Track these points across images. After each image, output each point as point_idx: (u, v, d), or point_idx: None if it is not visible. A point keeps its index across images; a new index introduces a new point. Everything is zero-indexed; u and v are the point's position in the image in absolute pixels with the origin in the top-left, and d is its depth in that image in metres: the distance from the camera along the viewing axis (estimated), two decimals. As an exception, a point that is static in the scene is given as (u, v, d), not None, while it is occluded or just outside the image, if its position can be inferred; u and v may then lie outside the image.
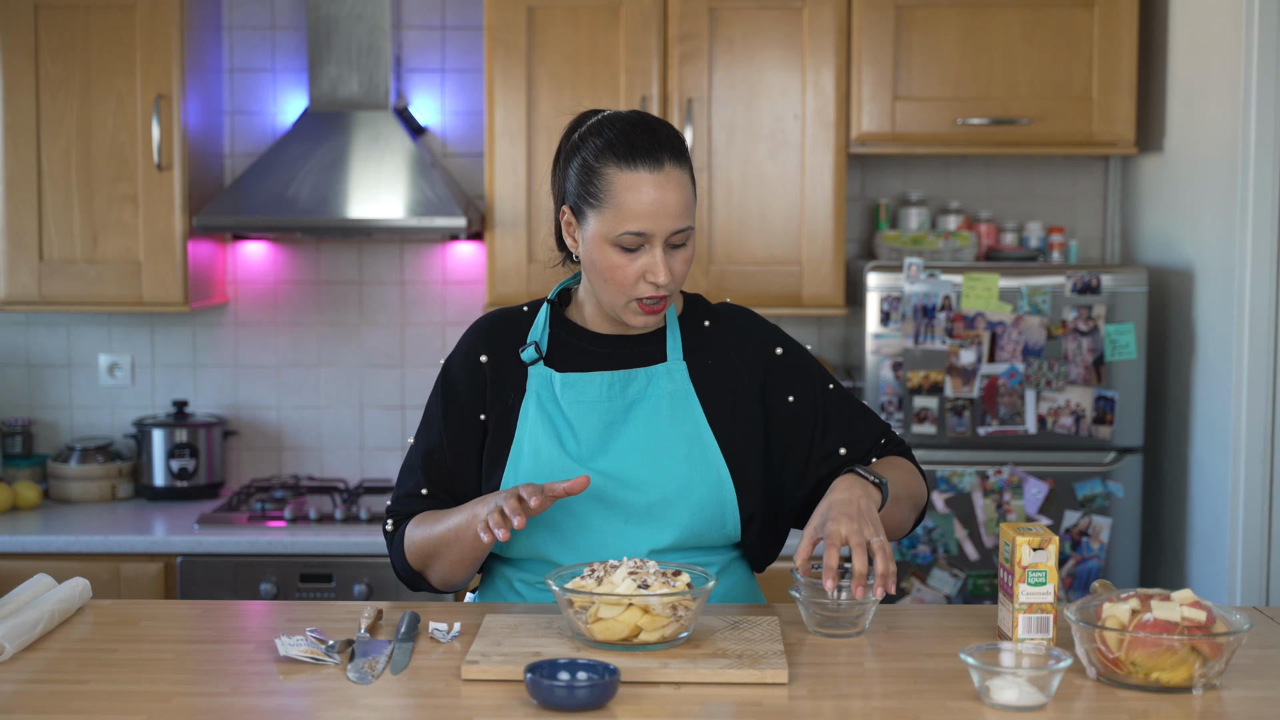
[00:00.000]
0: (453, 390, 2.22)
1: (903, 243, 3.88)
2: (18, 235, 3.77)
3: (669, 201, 2.05)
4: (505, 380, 2.19)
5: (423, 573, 2.20)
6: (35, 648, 2.00)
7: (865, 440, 2.23)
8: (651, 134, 2.08)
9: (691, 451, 2.14)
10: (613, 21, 3.73)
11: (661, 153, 2.06)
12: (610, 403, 2.15)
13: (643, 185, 2.05)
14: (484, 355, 2.21)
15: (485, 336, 2.23)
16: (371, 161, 3.81)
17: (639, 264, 2.07)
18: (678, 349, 2.18)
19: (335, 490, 3.95)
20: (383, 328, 4.14)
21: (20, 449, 4.04)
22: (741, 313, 2.27)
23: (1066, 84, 3.74)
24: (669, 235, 2.07)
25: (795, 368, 2.22)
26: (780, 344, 2.23)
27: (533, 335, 2.20)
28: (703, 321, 2.23)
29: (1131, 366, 3.57)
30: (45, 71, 3.74)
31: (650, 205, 2.05)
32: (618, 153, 2.06)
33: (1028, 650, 1.80)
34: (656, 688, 1.83)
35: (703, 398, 2.17)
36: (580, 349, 2.19)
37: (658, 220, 2.05)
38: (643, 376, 2.16)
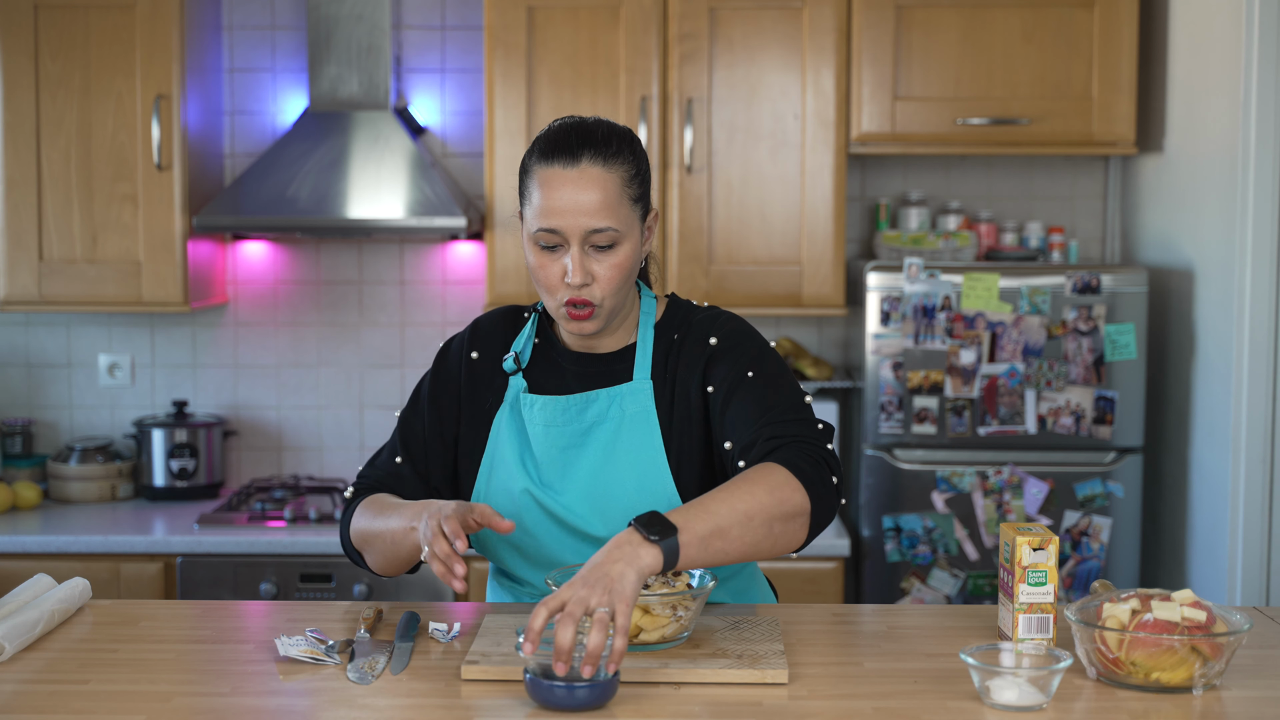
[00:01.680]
0: (441, 377, 2.21)
1: (903, 243, 3.88)
2: (18, 235, 3.77)
3: (582, 199, 1.99)
4: (487, 383, 2.18)
5: (361, 554, 2.15)
6: (35, 648, 2.00)
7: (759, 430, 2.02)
8: (579, 132, 2.03)
9: (644, 481, 2.08)
10: (613, 21, 3.73)
11: (581, 150, 2.01)
12: (566, 427, 2.11)
13: (554, 180, 2.01)
14: (475, 352, 2.20)
15: (482, 334, 2.22)
16: (371, 161, 3.81)
17: (560, 264, 2.02)
18: (646, 366, 2.11)
19: (335, 490, 3.95)
20: (383, 328, 4.14)
21: (20, 449, 4.04)
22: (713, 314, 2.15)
23: (1066, 84, 3.74)
24: (586, 234, 2.00)
25: (724, 356, 2.09)
26: (717, 333, 2.11)
27: (516, 344, 2.18)
28: (673, 335, 2.14)
29: (1131, 366, 3.57)
30: (45, 71, 3.74)
31: (561, 201, 2.00)
32: (542, 149, 2.03)
33: (1028, 650, 1.80)
34: (656, 688, 1.83)
35: (663, 417, 2.10)
36: (554, 365, 2.16)
37: (568, 217, 1.99)
38: (604, 398, 2.11)
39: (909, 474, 3.60)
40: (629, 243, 2.04)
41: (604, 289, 2.03)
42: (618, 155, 2.03)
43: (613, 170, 2.02)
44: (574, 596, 1.74)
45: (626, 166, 2.04)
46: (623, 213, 2.02)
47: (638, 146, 2.08)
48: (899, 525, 3.60)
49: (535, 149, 2.05)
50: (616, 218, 2.01)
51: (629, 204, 2.04)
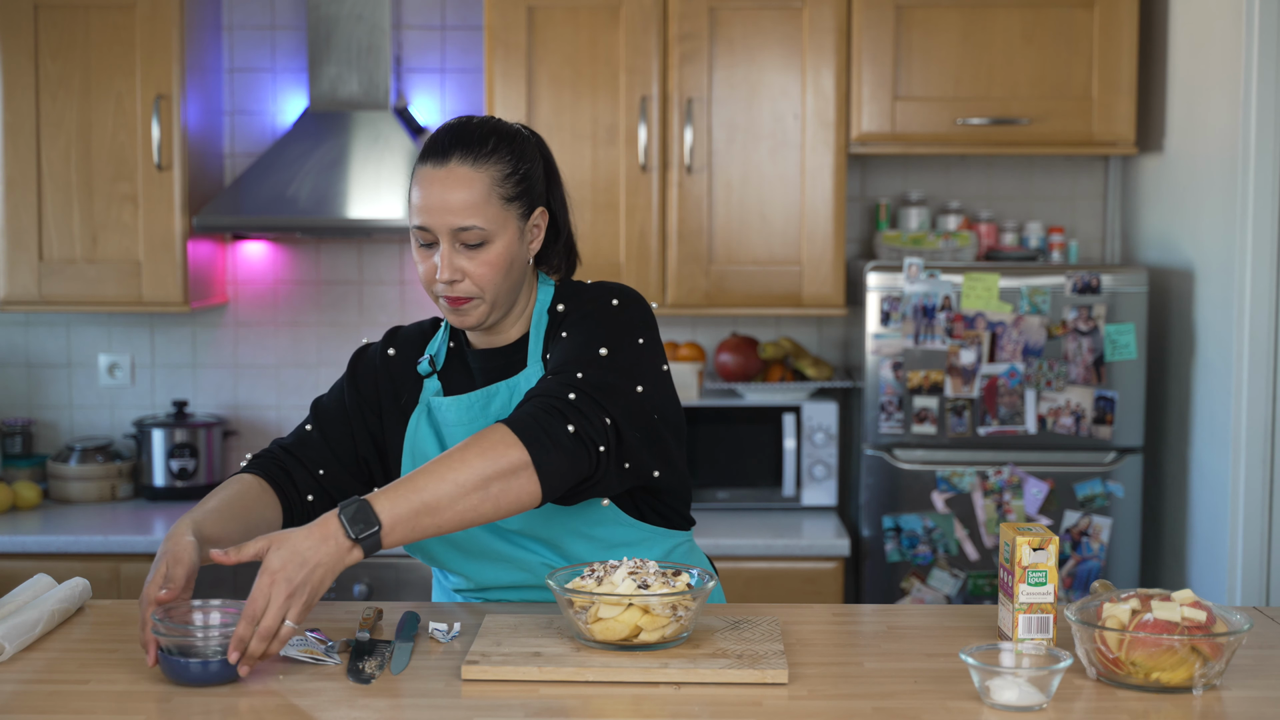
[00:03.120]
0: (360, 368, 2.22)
1: (903, 243, 3.88)
2: (18, 235, 3.77)
3: (447, 198, 2.02)
4: (403, 382, 2.20)
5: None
6: (35, 648, 2.00)
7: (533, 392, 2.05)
8: (454, 132, 2.06)
9: None
10: (613, 21, 3.73)
11: (451, 149, 2.04)
12: (473, 424, 2.13)
13: (423, 179, 2.04)
14: (391, 349, 2.23)
15: (399, 338, 2.25)
16: (371, 161, 3.81)
17: (433, 261, 2.06)
18: (538, 349, 2.14)
19: (335, 490, 3.95)
20: (383, 328, 4.14)
21: (20, 449, 4.04)
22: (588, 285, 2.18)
23: (1066, 84, 3.74)
24: (453, 232, 2.02)
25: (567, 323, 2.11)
26: (565, 300, 2.14)
27: (430, 349, 2.21)
28: (558, 306, 2.15)
29: (1131, 366, 3.57)
30: (45, 71, 3.74)
31: (426, 199, 2.03)
32: (423, 149, 2.08)
33: (1028, 650, 1.80)
34: (656, 688, 1.83)
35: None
36: (464, 366, 2.19)
37: (433, 215, 2.03)
38: (504, 389, 2.13)
39: (909, 474, 3.60)
40: (500, 241, 2.05)
41: (477, 284, 2.05)
42: (491, 155, 2.05)
43: (481, 170, 2.04)
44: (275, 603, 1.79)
45: (500, 166, 2.05)
46: (490, 211, 2.04)
47: (520, 145, 2.08)
48: (899, 525, 3.60)
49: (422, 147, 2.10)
50: (483, 216, 2.03)
51: (499, 203, 2.05)
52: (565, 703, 1.79)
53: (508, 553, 2.15)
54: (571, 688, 1.83)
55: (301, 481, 2.16)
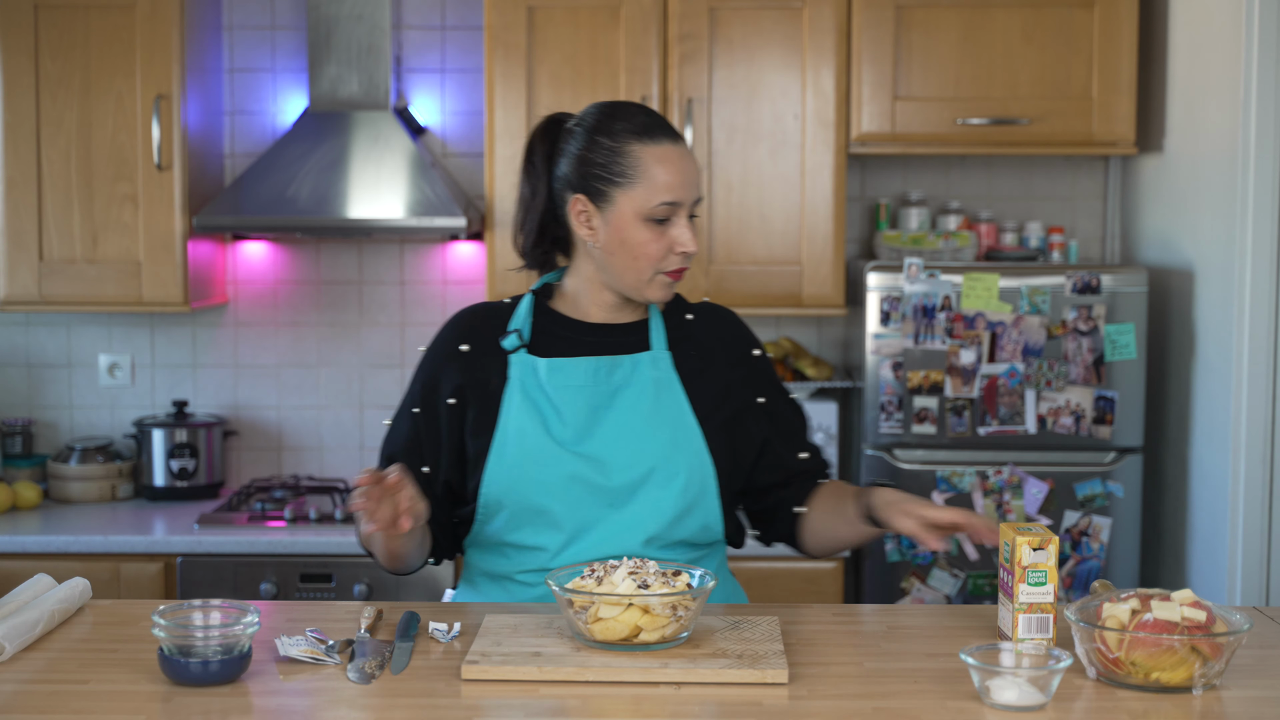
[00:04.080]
0: (427, 379, 2.25)
1: (903, 243, 3.88)
2: (18, 235, 3.77)
3: (690, 171, 2.16)
4: (486, 368, 2.22)
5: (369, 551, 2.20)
6: (35, 648, 2.00)
7: (814, 452, 2.35)
8: (654, 113, 2.20)
9: (676, 436, 2.18)
10: (613, 21, 3.73)
11: (670, 128, 2.18)
12: (596, 387, 2.19)
13: (670, 156, 2.15)
14: (464, 345, 2.24)
15: (466, 326, 2.27)
16: (371, 161, 3.81)
17: (667, 237, 2.14)
18: (662, 339, 2.24)
19: (335, 490, 3.95)
20: (383, 328, 4.14)
21: (20, 449, 4.04)
22: (723, 310, 2.35)
23: (1066, 84, 3.74)
24: (692, 204, 2.17)
25: (766, 373, 2.32)
26: (758, 348, 2.33)
27: (514, 324, 2.24)
28: (685, 315, 2.29)
29: (1131, 366, 3.57)
30: (45, 71, 3.74)
31: (679, 175, 2.14)
32: (638, 132, 2.15)
33: (1028, 650, 1.80)
34: (656, 688, 1.83)
35: (687, 386, 2.22)
36: (564, 337, 2.23)
37: (686, 189, 2.15)
38: (628, 363, 2.20)
39: (909, 474, 3.60)
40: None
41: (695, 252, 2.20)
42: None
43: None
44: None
45: None
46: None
47: None
48: (899, 525, 3.60)
49: (625, 132, 2.15)
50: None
51: None
52: (565, 703, 1.79)
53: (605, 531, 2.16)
54: (571, 688, 1.83)
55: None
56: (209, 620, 1.90)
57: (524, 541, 2.19)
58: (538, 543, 2.18)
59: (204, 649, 1.83)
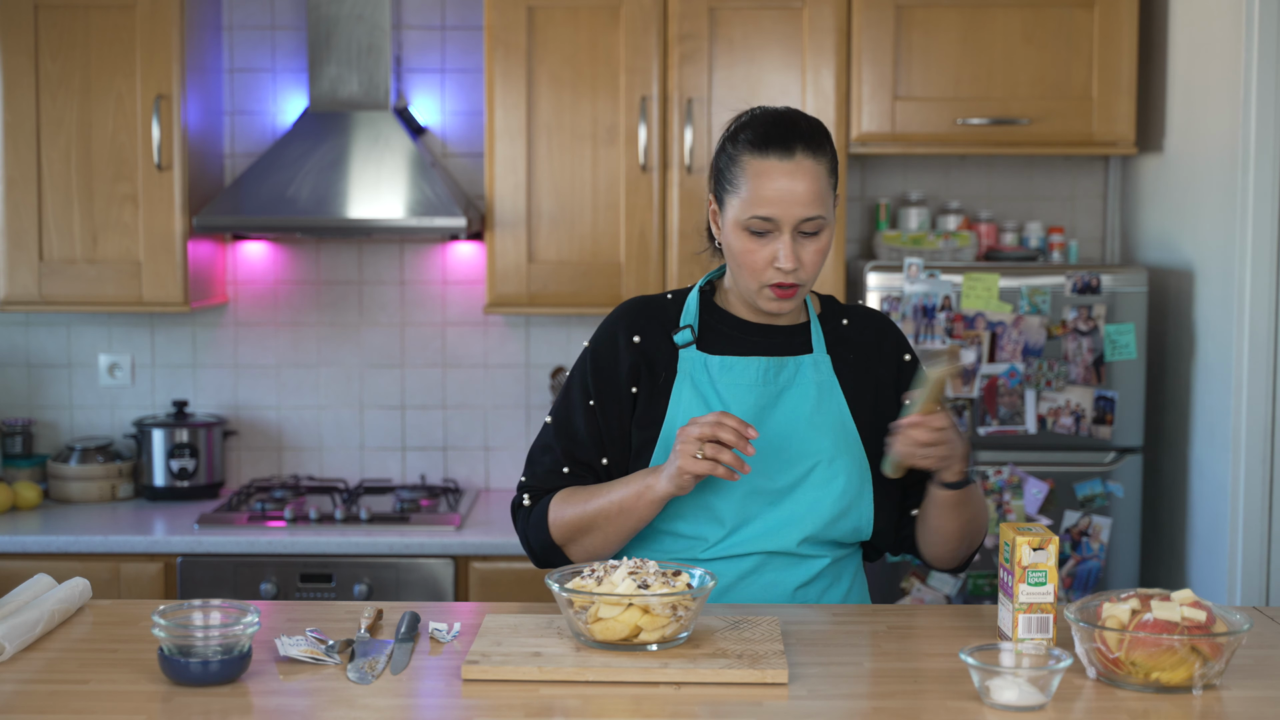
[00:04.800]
0: (603, 368, 2.28)
1: (903, 243, 3.88)
2: (18, 235, 3.77)
3: (797, 189, 2.13)
4: (656, 360, 2.26)
5: (565, 547, 2.23)
6: (35, 648, 2.00)
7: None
8: (789, 125, 2.16)
9: (837, 438, 2.22)
10: (613, 21, 3.73)
11: (795, 142, 2.14)
12: (765, 387, 2.23)
13: (771, 172, 2.13)
14: (636, 336, 2.28)
15: (634, 318, 2.30)
16: (371, 161, 3.81)
17: (769, 250, 2.15)
18: (821, 342, 2.28)
19: (335, 490, 3.95)
20: (383, 328, 4.14)
21: (20, 449, 4.04)
22: (876, 314, 2.36)
23: (1066, 84, 3.74)
24: (798, 223, 2.13)
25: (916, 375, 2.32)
26: (910, 351, 2.34)
27: (685, 319, 2.28)
28: (841, 319, 2.32)
29: (1131, 366, 3.57)
30: (45, 71, 3.74)
31: (777, 192, 2.13)
32: (753, 141, 2.15)
33: (1028, 650, 1.80)
34: (656, 688, 1.83)
35: (846, 390, 2.26)
36: (729, 335, 2.27)
37: (784, 206, 2.13)
38: (792, 365, 2.25)
39: (909, 474, 3.59)
40: (829, 229, 2.18)
41: (808, 272, 2.17)
42: (823, 147, 2.17)
43: (823, 162, 2.16)
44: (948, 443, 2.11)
45: (829, 158, 2.18)
46: (828, 201, 2.17)
47: (831, 139, 2.22)
48: (899, 525, 3.60)
49: (741, 138, 2.17)
50: (824, 206, 2.16)
51: (831, 193, 2.19)
52: (565, 703, 1.79)
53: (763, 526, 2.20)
54: (571, 688, 1.83)
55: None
56: (209, 620, 1.90)
57: (684, 531, 2.23)
58: (698, 533, 2.22)
59: (204, 649, 1.84)
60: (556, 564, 2.26)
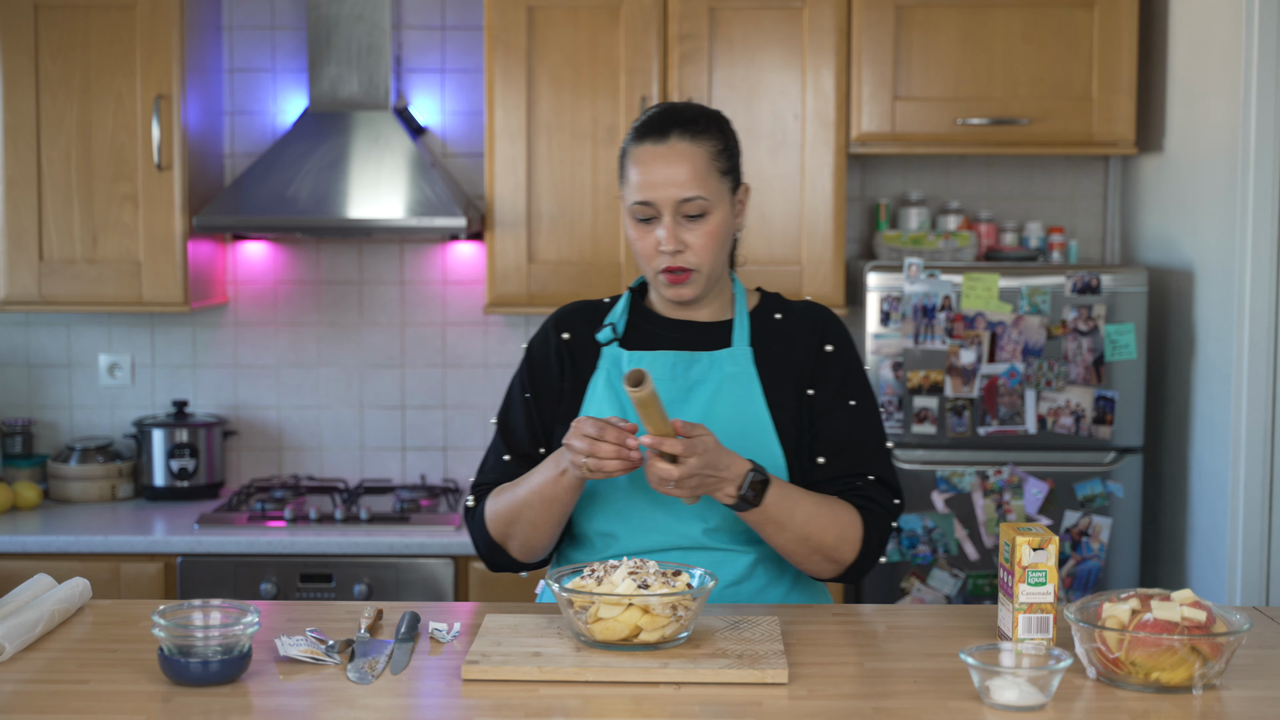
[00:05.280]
0: (537, 364, 2.31)
1: (903, 243, 3.88)
2: (18, 235, 3.77)
3: (672, 173, 2.16)
4: (580, 357, 2.29)
5: (504, 544, 2.23)
6: (35, 648, 2.00)
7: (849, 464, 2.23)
8: (669, 113, 2.21)
9: (747, 432, 2.20)
10: (613, 21, 3.73)
11: (670, 127, 2.18)
12: (673, 382, 2.23)
13: (646, 157, 2.18)
14: (565, 333, 2.31)
15: (567, 318, 2.34)
16: (371, 161, 3.81)
17: (654, 235, 2.18)
18: (744, 336, 2.26)
19: (335, 490, 3.95)
20: (383, 328, 4.14)
21: (20, 449, 4.04)
22: (817, 308, 2.33)
23: (1066, 84, 3.74)
24: (677, 205, 2.16)
25: (833, 368, 2.27)
26: (833, 343, 2.28)
27: (611, 318, 2.30)
28: (774, 315, 2.31)
29: (1131, 366, 3.57)
30: (45, 71, 3.74)
31: (653, 176, 2.16)
32: (635, 132, 2.21)
33: (1028, 650, 1.80)
34: (656, 688, 1.83)
35: (766, 384, 2.24)
36: (652, 333, 2.28)
37: (657, 189, 2.16)
38: (706, 360, 2.24)
39: (909, 474, 3.60)
40: (719, 212, 2.19)
41: (698, 255, 2.18)
42: (705, 132, 2.20)
43: (700, 145, 2.18)
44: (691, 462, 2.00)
45: (714, 141, 2.20)
46: (711, 184, 2.18)
47: (726, 125, 2.24)
48: (899, 525, 3.60)
49: (630, 132, 2.23)
50: (705, 188, 2.17)
51: (717, 176, 2.19)
52: (565, 703, 1.79)
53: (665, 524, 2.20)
54: (571, 688, 1.83)
55: None
56: (209, 620, 1.90)
57: (600, 528, 2.23)
58: (610, 529, 2.22)
59: (204, 649, 1.84)
60: (505, 566, 2.26)
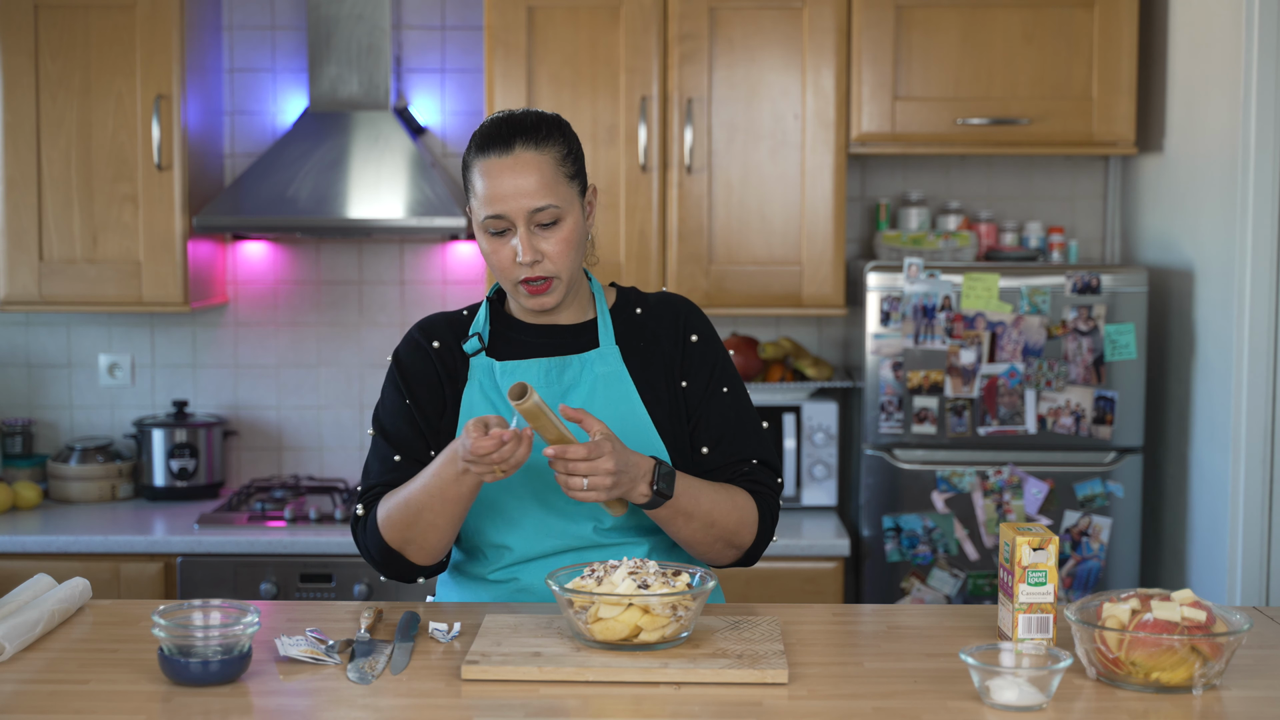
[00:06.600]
0: (411, 369, 2.26)
1: (903, 243, 3.88)
2: (18, 235, 3.77)
3: (520, 183, 2.12)
4: (453, 369, 2.25)
5: (402, 550, 2.17)
6: (35, 648, 2.00)
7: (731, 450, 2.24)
8: (510, 122, 2.16)
9: (626, 429, 2.19)
10: (613, 21, 3.73)
11: (514, 137, 2.14)
12: (547, 388, 2.21)
13: (493, 170, 2.14)
14: (435, 342, 2.27)
15: (432, 329, 2.30)
16: (371, 161, 3.81)
17: (509, 247, 2.15)
18: (609, 335, 2.25)
19: (335, 490, 3.95)
20: (383, 328, 4.14)
21: (20, 449, 4.04)
22: (675, 299, 2.32)
23: (1066, 84, 3.74)
24: (529, 215, 2.13)
25: (702, 358, 2.27)
26: (698, 333, 2.28)
27: (474, 328, 2.27)
28: (635, 310, 2.29)
29: (1131, 366, 3.57)
30: (45, 71, 3.74)
31: (501, 188, 2.13)
32: (478, 144, 2.17)
33: (1028, 650, 1.80)
34: (656, 688, 1.83)
35: (637, 380, 2.24)
36: (518, 340, 2.26)
37: (508, 201, 2.12)
38: (576, 363, 2.23)
39: (909, 474, 3.60)
40: (571, 217, 2.17)
41: (556, 263, 2.15)
42: (548, 138, 2.17)
43: (545, 152, 2.15)
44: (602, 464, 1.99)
45: (558, 147, 2.17)
46: (561, 190, 2.15)
47: (567, 129, 2.21)
48: (899, 525, 3.60)
49: (472, 145, 2.18)
50: (555, 195, 2.14)
51: (565, 181, 2.16)
52: (565, 703, 1.79)
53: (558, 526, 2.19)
54: (571, 688, 1.83)
55: None
56: (209, 620, 1.90)
57: (493, 540, 2.21)
58: (503, 541, 2.21)
59: (204, 649, 1.84)
60: (402, 574, 2.21)
